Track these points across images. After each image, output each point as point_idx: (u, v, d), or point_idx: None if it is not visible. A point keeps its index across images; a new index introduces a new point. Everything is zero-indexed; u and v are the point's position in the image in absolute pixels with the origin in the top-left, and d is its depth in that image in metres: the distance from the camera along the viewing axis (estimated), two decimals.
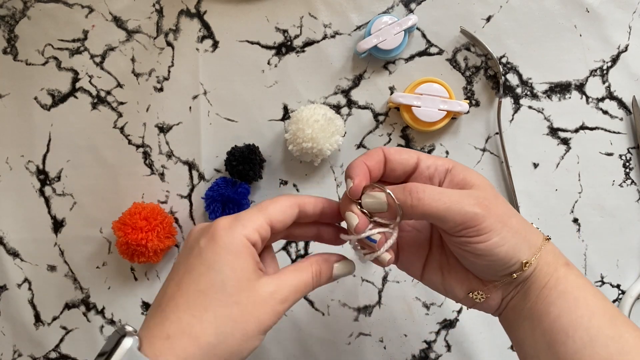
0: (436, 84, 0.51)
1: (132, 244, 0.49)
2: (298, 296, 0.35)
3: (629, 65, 0.52)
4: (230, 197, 0.51)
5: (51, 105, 0.55)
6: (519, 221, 0.35)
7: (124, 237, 0.50)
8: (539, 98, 0.53)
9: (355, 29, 0.53)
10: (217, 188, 0.51)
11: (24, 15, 0.54)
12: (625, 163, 0.53)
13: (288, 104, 0.54)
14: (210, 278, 0.32)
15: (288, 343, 0.54)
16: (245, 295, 0.32)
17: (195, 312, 0.31)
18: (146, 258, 0.50)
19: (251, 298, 0.32)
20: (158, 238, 0.50)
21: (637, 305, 0.53)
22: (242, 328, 0.32)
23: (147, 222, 0.50)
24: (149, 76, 0.54)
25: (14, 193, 0.55)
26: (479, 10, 0.52)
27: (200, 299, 0.32)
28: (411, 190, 0.34)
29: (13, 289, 0.56)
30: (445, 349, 0.54)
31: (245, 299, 0.32)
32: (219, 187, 0.51)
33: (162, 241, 0.51)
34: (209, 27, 0.54)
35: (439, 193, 0.34)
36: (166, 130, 0.54)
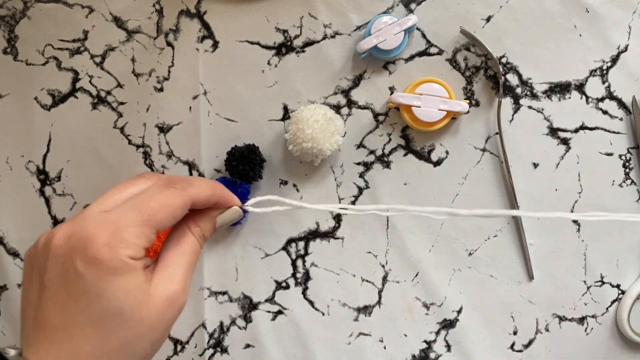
0: (436, 84, 0.51)
1: None
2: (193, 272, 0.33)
3: (628, 65, 0.52)
4: None
5: (51, 105, 0.55)
6: None
7: None
8: (538, 98, 0.53)
9: (355, 29, 0.53)
10: None
11: (24, 15, 0.54)
12: (625, 163, 0.53)
13: (288, 104, 0.54)
14: (103, 306, 0.28)
15: (288, 343, 0.54)
16: (145, 308, 0.29)
17: (96, 342, 0.29)
18: None
19: (152, 308, 0.30)
20: (158, 238, 0.50)
21: (637, 305, 0.53)
22: (152, 337, 0.30)
23: None
24: (149, 76, 0.54)
25: (14, 193, 0.55)
26: (479, 11, 0.52)
27: (98, 328, 0.29)
28: None
29: (13, 289, 0.56)
30: (445, 349, 0.54)
31: (145, 312, 0.29)
32: None
33: (162, 241, 0.51)
34: (209, 27, 0.54)
35: None
36: (166, 130, 0.54)
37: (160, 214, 0.30)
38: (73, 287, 0.29)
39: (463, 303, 0.54)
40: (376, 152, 0.54)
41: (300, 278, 0.54)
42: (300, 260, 0.54)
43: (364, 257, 0.54)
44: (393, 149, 0.54)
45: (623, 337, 0.54)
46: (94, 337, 0.29)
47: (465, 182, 0.53)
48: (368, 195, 0.54)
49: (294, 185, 0.54)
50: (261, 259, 0.55)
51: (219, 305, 0.55)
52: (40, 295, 0.30)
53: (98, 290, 0.28)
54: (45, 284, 0.29)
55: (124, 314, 0.29)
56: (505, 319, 0.54)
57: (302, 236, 0.54)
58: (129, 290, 0.29)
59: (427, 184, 0.53)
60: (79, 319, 0.29)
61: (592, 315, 0.54)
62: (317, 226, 0.54)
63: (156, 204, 0.30)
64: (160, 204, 0.30)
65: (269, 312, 0.55)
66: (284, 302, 0.55)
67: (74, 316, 0.29)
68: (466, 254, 0.54)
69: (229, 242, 0.55)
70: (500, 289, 0.53)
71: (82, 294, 0.28)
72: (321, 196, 0.54)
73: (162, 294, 0.30)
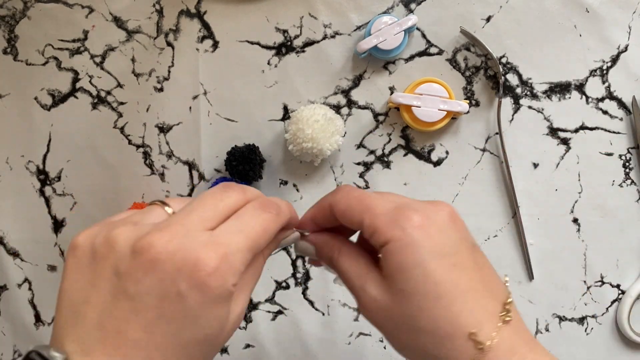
0: (436, 84, 0.51)
1: None
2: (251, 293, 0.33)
3: (628, 65, 0.52)
4: None
5: (51, 105, 0.55)
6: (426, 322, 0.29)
7: None
8: (538, 98, 0.53)
9: (355, 29, 0.53)
10: None
11: (24, 15, 0.54)
12: (625, 163, 0.53)
13: (288, 104, 0.54)
14: (194, 333, 0.27)
15: (288, 343, 0.54)
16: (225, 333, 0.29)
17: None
18: None
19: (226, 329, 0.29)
20: None
21: (637, 305, 0.53)
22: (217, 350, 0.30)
23: None
24: (149, 76, 0.54)
25: (14, 193, 0.55)
26: (479, 11, 0.52)
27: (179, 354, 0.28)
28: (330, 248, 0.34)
29: (13, 289, 0.56)
30: None
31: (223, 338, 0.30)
32: None
33: None
34: (209, 27, 0.54)
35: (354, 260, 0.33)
36: (166, 130, 0.54)
37: (262, 240, 0.30)
38: (169, 307, 0.27)
39: None
40: (376, 152, 0.54)
41: (300, 278, 0.54)
42: (300, 260, 0.54)
43: None
44: (393, 149, 0.54)
45: (623, 337, 0.54)
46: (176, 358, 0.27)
47: (465, 182, 0.53)
48: None
49: (294, 185, 0.54)
50: None
51: None
52: (117, 304, 0.27)
53: (196, 316, 0.27)
54: (133, 295, 0.27)
55: (210, 340, 0.28)
56: None
57: None
58: (221, 318, 0.28)
59: (427, 184, 0.53)
60: (165, 341, 0.27)
61: (592, 315, 0.54)
62: None
63: (260, 228, 0.29)
64: (263, 229, 0.30)
65: (269, 312, 0.55)
66: (284, 302, 0.55)
67: (160, 337, 0.27)
68: None
69: None
70: None
71: (177, 317, 0.27)
72: (321, 196, 0.54)
73: (233, 317, 0.30)
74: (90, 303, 0.27)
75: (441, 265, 0.29)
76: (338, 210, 0.32)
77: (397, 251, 0.29)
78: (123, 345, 0.26)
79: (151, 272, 0.26)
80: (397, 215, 0.30)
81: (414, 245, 0.29)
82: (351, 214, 0.32)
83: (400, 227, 0.29)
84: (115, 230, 0.28)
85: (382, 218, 0.30)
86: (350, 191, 0.33)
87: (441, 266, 0.29)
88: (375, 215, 0.30)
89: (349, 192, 0.33)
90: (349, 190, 0.33)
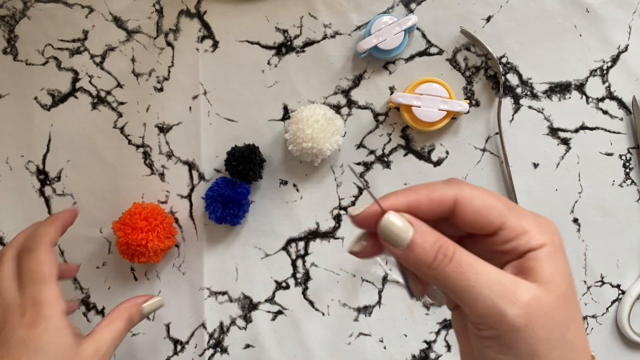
0: (436, 84, 0.51)
1: (132, 244, 0.49)
2: (116, 346, 0.41)
3: (629, 65, 0.52)
4: (231, 197, 0.51)
5: (51, 105, 0.55)
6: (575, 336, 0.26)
7: (124, 238, 0.49)
8: (539, 98, 0.53)
9: (355, 29, 0.53)
10: (217, 188, 0.51)
11: (24, 15, 0.54)
12: (625, 163, 0.53)
13: (288, 104, 0.54)
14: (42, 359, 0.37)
15: (288, 343, 0.54)
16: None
17: None
18: (146, 258, 0.50)
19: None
20: (158, 238, 0.50)
21: (637, 305, 0.53)
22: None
23: (147, 223, 0.50)
24: (149, 76, 0.54)
25: (14, 193, 0.55)
26: (479, 10, 0.52)
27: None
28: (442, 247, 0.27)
29: None
30: (445, 349, 0.54)
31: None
32: (219, 187, 0.51)
33: (162, 241, 0.51)
34: (209, 27, 0.54)
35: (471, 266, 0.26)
36: (166, 130, 0.54)
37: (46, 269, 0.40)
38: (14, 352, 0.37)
39: None
40: (376, 152, 0.54)
41: (300, 278, 0.54)
42: (300, 260, 0.54)
43: None
44: (393, 149, 0.54)
45: (623, 337, 0.54)
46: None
47: None
48: (368, 196, 0.54)
49: (294, 185, 0.54)
50: (261, 259, 0.55)
51: (219, 305, 0.55)
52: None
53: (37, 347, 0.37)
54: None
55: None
56: None
57: (302, 236, 0.54)
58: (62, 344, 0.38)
59: None
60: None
61: (592, 315, 0.54)
62: (317, 226, 0.54)
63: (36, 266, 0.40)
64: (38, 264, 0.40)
65: (269, 312, 0.55)
66: (284, 302, 0.55)
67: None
68: None
69: (229, 242, 0.55)
70: None
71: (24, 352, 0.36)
72: (321, 196, 0.54)
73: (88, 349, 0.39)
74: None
75: None
76: (472, 206, 0.28)
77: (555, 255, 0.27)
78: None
79: None
80: (538, 219, 0.28)
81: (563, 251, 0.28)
82: (490, 212, 0.27)
83: (549, 232, 0.28)
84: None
85: (529, 220, 0.28)
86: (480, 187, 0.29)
87: None
88: (522, 217, 0.28)
89: (479, 188, 0.29)
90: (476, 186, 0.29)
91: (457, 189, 0.28)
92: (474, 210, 0.27)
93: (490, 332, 0.26)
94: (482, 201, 0.28)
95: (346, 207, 0.54)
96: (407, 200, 0.28)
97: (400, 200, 0.28)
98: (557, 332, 0.25)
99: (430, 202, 0.28)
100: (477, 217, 0.28)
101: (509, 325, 0.25)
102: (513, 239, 0.27)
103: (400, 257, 0.28)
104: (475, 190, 0.28)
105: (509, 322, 0.25)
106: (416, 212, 0.28)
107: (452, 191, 0.28)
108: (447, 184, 0.29)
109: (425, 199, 0.28)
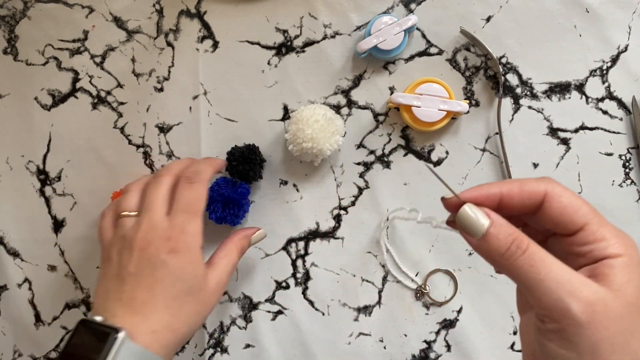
0: (436, 84, 0.51)
1: None
2: (230, 275, 0.46)
3: (628, 65, 0.52)
4: (230, 197, 0.51)
5: (51, 105, 0.55)
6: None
7: None
8: (538, 98, 0.53)
9: (355, 29, 0.53)
10: (217, 188, 0.51)
11: (24, 15, 0.54)
12: (625, 163, 0.53)
13: (288, 104, 0.54)
14: (180, 286, 0.41)
15: (288, 343, 0.54)
16: (203, 293, 0.43)
17: (173, 312, 0.41)
18: None
19: (206, 293, 0.43)
20: None
21: None
22: (204, 316, 0.43)
23: None
24: (149, 76, 0.54)
25: (14, 193, 0.55)
26: (479, 11, 0.52)
27: (175, 303, 0.41)
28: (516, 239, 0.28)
29: (13, 289, 0.56)
30: (445, 349, 0.54)
31: (203, 295, 0.43)
32: (219, 187, 0.51)
33: None
34: (209, 27, 0.54)
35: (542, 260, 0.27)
36: (166, 130, 0.54)
37: (199, 205, 0.44)
38: (159, 273, 0.40)
39: (463, 303, 0.54)
40: (376, 152, 0.54)
41: (300, 278, 0.54)
42: (300, 260, 0.54)
43: (364, 257, 0.54)
44: (393, 149, 0.54)
45: None
46: (173, 307, 0.41)
47: (465, 182, 0.53)
48: (368, 196, 0.54)
49: (294, 185, 0.54)
50: (261, 259, 0.55)
51: (219, 305, 0.55)
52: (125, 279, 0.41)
53: (178, 274, 0.41)
54: (135, 272, 0.41)
55: (192, 293, 0.42)
56: (505, 319, 0.54)
57: (302, 236, 0.54)
58: (196, 276, 0.42)
59: (427, 184, 0.53)
60: (162, 295, 0.40)
61: None
62: (317, 226, 0.54)
63: (194, 198, 0.43)
64: (197, 197, 0.44)
65: (269, 312, 0.55)
66: (284, 302, 0.55)
67: (158, 294, 0.40)
68: (466, 254, 0.54)
69: None
70: (500, 289, 0.53)
71: (166, 277, 0.41)
72: (321, 196, 0.54)
73: (213, 281, 0.44)
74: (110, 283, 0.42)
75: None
76: (560, 202, 0.29)
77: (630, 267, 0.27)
78: (136, 305, 0.40)
79: (142, 255, 0.41)
80: (620, 232, 0.29)
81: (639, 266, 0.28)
82: (576, 212, 0.29)
83: (629, 245, 0.28)
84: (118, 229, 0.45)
85: (610, 229, 0.28)
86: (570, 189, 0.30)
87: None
88: (604, 224, 0.29)
89: (568, 188, 0.30)
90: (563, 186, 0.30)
91: (548, 184, 0.30)
92: (562, 206, 0.29)
93: (554, 326, 0.27)
94: (570, 200, 0.29)
95: (346, 207, 0.54)
96: (500, 190, 0.30)
97: (494, 190, 0.30)
98: (621, 337, 0.26)
99: (521, 194, 0.29)
100: (563, 214, 0.29)
101: (572, 320, 0.26)
102: (592, 242, 0.28)
103: (475, 246, 0.29)
104: (565, 189, 0.29)
105: (572, 316, 0.26)
106: (508, 201, 0.30)
107: (544, 186, 0.30)
108: (539, 179, 0.30)
109: (518, 190, 0.30)
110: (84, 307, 0.56)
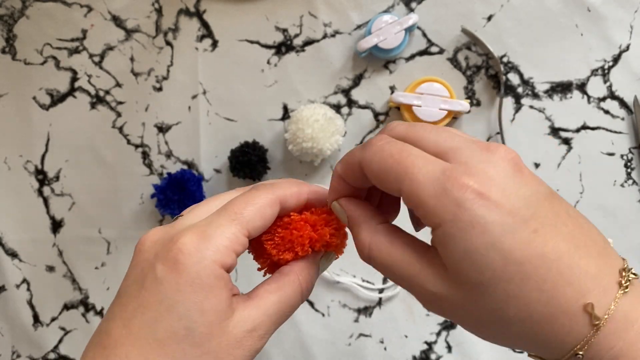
0: (437, 83, 0.50)
1: None
2: (282, 322, 0.28)
3: (630, 64, 0.52)
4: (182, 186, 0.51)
5: (50, 104, 0.54)
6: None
7: None
8: (540, 98, 0.52)
9: (356, 28, 0.53)
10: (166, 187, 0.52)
11: (22, 14, 0.54)
12: (627, 163, 0.53)
13: (288, 104, 0.53)
14: (171, 325, 0.24)
15: (288, 343, 0.54)
16: (217, 342, 0.25)
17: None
18: None
19: (224, 343, 0.25)
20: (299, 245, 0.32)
21: None
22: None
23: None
24: (148, 76, 0.54)
25: (13, 193, 0.55)
26: (480, 10, 0.52)
27: (157, 352, 0.24)
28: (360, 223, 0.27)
29: (11, 290, 0.56)
30: (446, 349, 0.54)
31: (216, 346, 0.25)
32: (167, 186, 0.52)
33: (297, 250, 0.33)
34: (208, 26, 0.53)
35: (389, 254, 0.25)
36: (165, 130, 0.54)
37: (248, 211, 0.26)
38: (146, 295, 0.25)
39: None
40: None
41: None
42: None
43: None
44: None
45: None
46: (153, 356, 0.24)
47: None
48: None
49: None
50: None
51: None
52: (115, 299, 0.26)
53: (172, 302, 0.24)
54: (119, 292, 0.26)
55: (193, 338, 0.24)
56: None
57: None
58: (206, 312, 0.24)
59: None
60: (140, 335, 0.24)
61: None
62: None
63: (243, 200, 0.27)
64: (246, 200, 0.27)
65: None
66: None
67: (135, 330, 0.25)
68: None
69: None
70: None
71: (152, 304, 0.25)
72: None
73: (243, 325, 0.26)
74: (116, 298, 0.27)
75: (519, 238, 0.22)
76: (370, 172, 0.25)
77: (459, 235, 0.22)
78: (107, 345, 0.25)
79: (134, 265, 0.26)
80: (447, 183, 0.22)
81: (478, 225, 0.22)
82: (386, 178, 0.24)
83: (455, 203, 0.22)
84: None
85: (427, 188, 0.23)
86: (386, 146, 0.25)
87: (519, 240, 0.22)
88: (417, 184, 0.23)
89: (383, 147, 0.25)
90: (384, 144, 0.25)
91: (360, 152, 0.26)
92: (372, 176, 0.25)
93: None
94: (377, 166, 0.25)
95: None
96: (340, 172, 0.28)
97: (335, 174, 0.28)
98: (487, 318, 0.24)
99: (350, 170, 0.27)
100: (379, 184, 0.25)
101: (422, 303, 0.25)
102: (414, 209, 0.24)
103: None
104: (379, 151, 0.25)
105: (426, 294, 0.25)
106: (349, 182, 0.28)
107: (357, 155, 0.26)
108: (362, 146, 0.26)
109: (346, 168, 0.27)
110: (82, 308, 0.55)
